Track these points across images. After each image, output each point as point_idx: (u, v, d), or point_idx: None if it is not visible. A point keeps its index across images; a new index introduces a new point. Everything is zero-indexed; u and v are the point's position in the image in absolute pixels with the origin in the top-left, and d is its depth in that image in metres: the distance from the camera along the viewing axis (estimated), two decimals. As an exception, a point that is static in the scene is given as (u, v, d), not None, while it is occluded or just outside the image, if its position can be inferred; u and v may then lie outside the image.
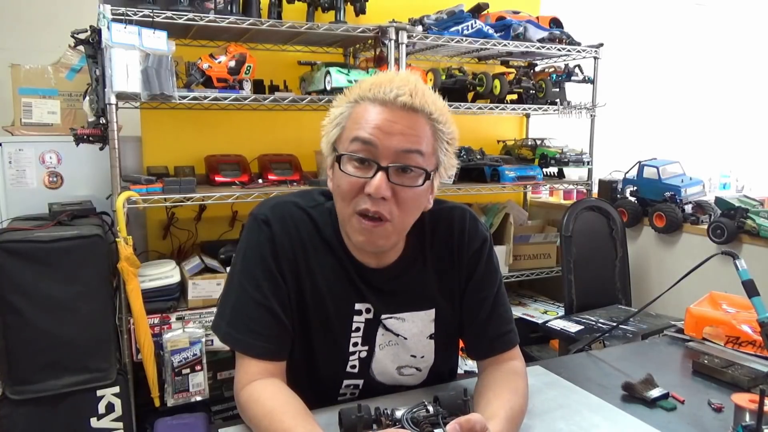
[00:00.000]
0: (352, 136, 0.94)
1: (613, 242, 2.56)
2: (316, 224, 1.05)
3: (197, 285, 2.08)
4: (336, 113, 0.99)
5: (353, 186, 0.94)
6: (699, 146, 4.29)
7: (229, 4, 2.12)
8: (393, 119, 0.93)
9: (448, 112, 1.00)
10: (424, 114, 0.95)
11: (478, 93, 2.71)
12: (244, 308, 1.01)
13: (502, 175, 2.66)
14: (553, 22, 2.79)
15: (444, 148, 0.99)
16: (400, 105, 0.93)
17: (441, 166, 1.00)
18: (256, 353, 1.01)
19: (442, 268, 1.11)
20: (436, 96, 0.99)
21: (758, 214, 2.31)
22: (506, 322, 1.12)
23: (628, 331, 2.06)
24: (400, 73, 0.99)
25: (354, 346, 1.08)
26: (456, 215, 1.13)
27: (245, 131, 2.59)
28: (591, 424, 1.00)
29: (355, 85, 1.00)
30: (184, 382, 2.00)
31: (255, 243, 1.03)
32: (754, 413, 0.91)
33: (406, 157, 0.93)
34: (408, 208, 0.97)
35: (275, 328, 1.01)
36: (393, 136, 0.92)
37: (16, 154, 2.22)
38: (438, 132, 0.98)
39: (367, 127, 0.93)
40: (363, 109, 0.95)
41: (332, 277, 1.05)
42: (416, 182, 0.95)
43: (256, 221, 1.04)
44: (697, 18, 4.40)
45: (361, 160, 0.94)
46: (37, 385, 1.82)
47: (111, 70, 1.87)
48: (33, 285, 1.80)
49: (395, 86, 0.94)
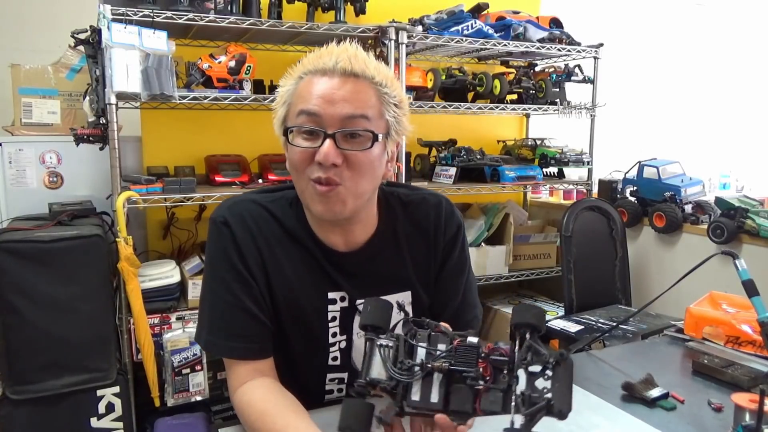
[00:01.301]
0: (297, 110, 0.95)
1: (613, 242, 2.56)
2: (276, 218, 1.05)
3: (197, 285, 2.08)
4: (282, 92, 1.00)
5: (304, 157, 0.95)
6: (699, 146, 4.29)
7: (229, 4, 2.12)
8: (335, 87, 0.93)
9: (393, 77, 1.00)
10: (366, 78, 0.95)
11: (478, 93, 2.71)
12: (220, 313, 1.02)
13: (502, 175, 2.66)
14: (553, 22, 2.79)
15: (392, 111, 0.99)
16: (340, 72, 0.94)
17: (392, 129, 0.99)
18: (240, 355, 1.02)
19: (418, 252, 1.11)
20: (378, 62, 0.99)
21: (758, 214, 2.31)
22: (474, 307, 1.17)
23: (628, 331, 2.06)
24: (341, 44, 0.99)
25: (333, 337, 1.08)
26: (432, 201, 1.14)
27: (245, 131, 2.59)
28: (591, 424, 1.00)
29: (299, 63, 1.00)
30: (184, 382, 2.00)
31: (218, 246, 1.03)
32: (754, 413, 0.91)
33: (352, 122, 0.93)
34: (361, 171, 0.96)
35: (253, 327, 1.02)
36: (336, 103, 0.93)
37: (16, 154, 2.22)
38: (383, 95, 0.97)
39: (311, 98, 0.94)
40: (307, 82, 0.96)
41: (302, 268, 1.04)
42: (365, 145, 0.95)
43: (215, 224, 1.03)
44: (697, 18, 4.40)
45: (309, 132, 0.94)
46: (37, 385, 1.82)
47: (111, 70, 1.87)
48: (33, 285, 1.80)
49: (335, 55, 0.95)
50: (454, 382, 0.76)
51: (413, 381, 0.76)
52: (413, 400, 0.76)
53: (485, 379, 0.74)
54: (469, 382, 0.74)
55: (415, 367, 0.76)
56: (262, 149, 2.50)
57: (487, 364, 0.75)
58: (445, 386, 0.76)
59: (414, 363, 0.77)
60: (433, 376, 0.76)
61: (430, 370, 0.76)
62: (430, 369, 0.76)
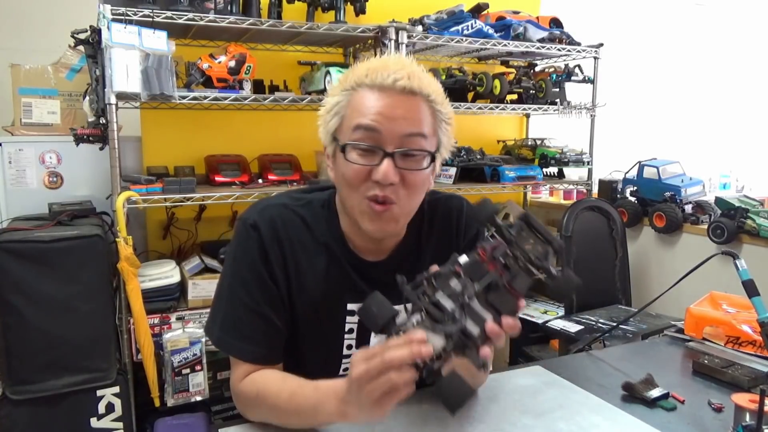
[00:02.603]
0: (353, 124, 0.94)
1: (613, 242, 2.56)
2: (306, 223, 1.05)
3: (197, 285, 2.08)
4: (333, 102, 0.98)
5: (360, 174, 0.94)
6: (699, 146, 4.29)
7: (229, 4, 2.12)
8: (393, 104, 0.92)
9: (443, 93, 1.01)
10: (423, 96, 0.95)
11: (478, 93, 2.71)
12: (236, 313, 1.02)
13: (502, 175, 2.66)
14: (553, 22, 2.79)
15: (444, 128, 1.00)
16: (399, 89, 0.93)
17: (441, 146, 1.00)
18: (249, 357, 1.02)
19: (441, 254, 1.11)
20: (431, 77, 0.99)
21: (758, 214, 2.31)
22: None
23: (628, 331, 2.06)
24: (392, 56, 0.99)
25: (348, 349, 1.07)
26: (454, 204, 1.14)
27: (245, 131, 2.59)
28: (591, 424, 1.00)
29: (349, 72, 0.99)
30: (184, 382, 2.00)
31: (244, 248, 1.03)
32: (754, 413, 0.91)
33: (410, 141, 0.93)
34: (415, 190, 0.97)
35: (267, 332, 1.02)
36: (395, 121, 0.92)
37: (16, 154, 2.21)
38: (437, 113, 0.98)
39: (369, 113, 0.92)
40: (361, 96, 0.94)
41: (325, 277, 1.04)
42: (422, 165, 0.95)
43: (244, 226, 1.03)
44: (697, 18, 4.40)
45: (368, 149, 0.93)
46: (37, 385, 1.82)
47: (111, 70, 1.87)
48: (33, 285, 1.80)
49: (391, 70, 0.93)
50: (487, 296, 0.79)
51: (465, 322, 0.78)
52: (476, 335, 0.78)
53: (501, 275, 0.80)
54: (499, 285, 0.79)
55: (455, 312, 0.79)
56: (262, 149, 2.50)
57: (492, 263, 0.80)
58: (485, 304, 0.79)
59: (451, 311, 0.79)
60: (472, 305, 0.79)
61: (468, 302, 0.79)
62: (468, 301, 0.79)
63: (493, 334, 0.78)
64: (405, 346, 0.75)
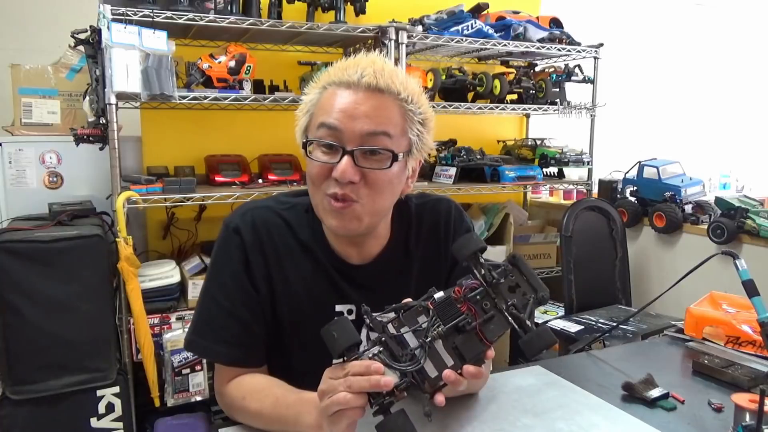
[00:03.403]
0: (318, 122, 0.94)
1: (613, 242, 2.56)
2: (290, 226, 1.04)
3: (197, 285, 2.08)
4: (306, 100, 0.98)
5: (321, 171, 0.94)
6: (699, 146, 4.29)
7: (229, 4, 2.12)
8: (357, 101, 0.92)
9: (420, 92, 0.98)
10: (391, 94, 0.93)
11: (478, 93, 2.71)
12: (212, 316, 1.02)
13: (502, 175, 2.66)
14: (553, 22, 2.79)
15: (416, 129, 0.96)
16: (365, 86, 0.92)
17: (414, 147, 0.98)
18: (223, 359, 1.02)
19: (429, 259, 1.11)
20: (405, 76, 0.97)
21: (758, 214, 2.31)
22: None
23: (628, 331, 2.06)
24: (369, 55, 0.97)
25: None
26: (442, 207, 1.13)
27: (245, 131, 2.59)
28: (591, 424, 1.00)
29: (325, 71, 0.98)
30: (184, 382, 2.00)
31: (224, 251, 1.03)
32: (754, 413, 0.91)
33: (372, 139, 0.92)
34: (379, 189, 0.95)
35: (243, 336, 1.01)
36: (357, 119, 0.91)
37: (16, 154, 2.21)
38: (407, 112, 0.95)
39: (333, 112, 0.92)
40: (330, 93, 0.94)
41: (310, 280, 1.03)
42: (384, 164, 0.93)
43: (227, 230, 1.03)
44: (696, 18, 4.40)
45: (328, 146, 0.93)
46: (37, 385, 1.82)
47: (111, 70, 1.87)
48: (33, 285, 1.80)
49: (360, 68, 0.93)
50: (454, 338, 0.78)
51: (423, 363, 0.77)
52: (433, 377, 0.77)
53: (475, 317, 0.78)
54: (468, 328, 0.78)
55: (416, 350, 0.78)
56: (262, 149, 2.50)
57: (467, 304, 0.79)
58: (449, 347, 0.78)
59: (412, 349, 0.78)
60: (435, 346, 0.78)
61: (430, 342, 0.78)
62: (430, 342, 0.78)
63: (450, 381, 0.77)
64: (365, 375, 0.75)
